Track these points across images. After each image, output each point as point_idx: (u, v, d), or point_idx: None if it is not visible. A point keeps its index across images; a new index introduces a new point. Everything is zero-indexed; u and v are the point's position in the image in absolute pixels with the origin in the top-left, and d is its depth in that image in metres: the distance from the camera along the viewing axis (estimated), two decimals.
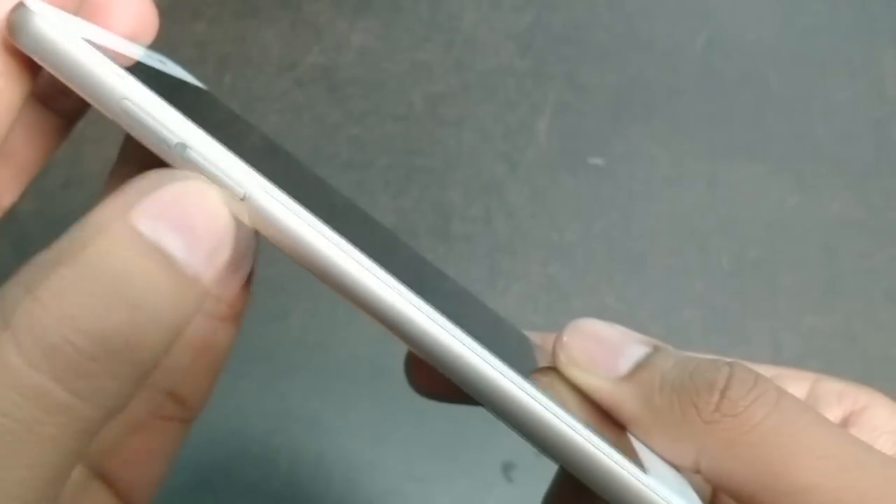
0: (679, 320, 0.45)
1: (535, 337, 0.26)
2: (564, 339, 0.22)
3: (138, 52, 0.22)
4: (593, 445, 0.18)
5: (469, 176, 0.49)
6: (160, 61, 0.24)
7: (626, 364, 0.21)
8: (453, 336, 0.19)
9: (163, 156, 0.19)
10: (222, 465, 0.42)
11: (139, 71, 0.20)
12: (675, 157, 0.50)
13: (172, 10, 0.54)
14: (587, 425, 0.19)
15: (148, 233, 0.17)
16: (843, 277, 0.46)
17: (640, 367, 0.20)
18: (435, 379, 0.20)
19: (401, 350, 0.21)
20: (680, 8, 0.55)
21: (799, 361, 0.43)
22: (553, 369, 0.21)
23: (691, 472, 0.20)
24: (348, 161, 0.49)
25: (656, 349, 0.21)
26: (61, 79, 0.19)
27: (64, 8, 0.20)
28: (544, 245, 0.47)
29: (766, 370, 0.24)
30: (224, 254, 0.18)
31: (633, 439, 0.21)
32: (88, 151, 0.48)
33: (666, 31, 0.54)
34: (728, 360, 0.20)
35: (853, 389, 0.24)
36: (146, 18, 0.22)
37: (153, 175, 0.18)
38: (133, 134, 0.19)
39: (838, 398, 0.23)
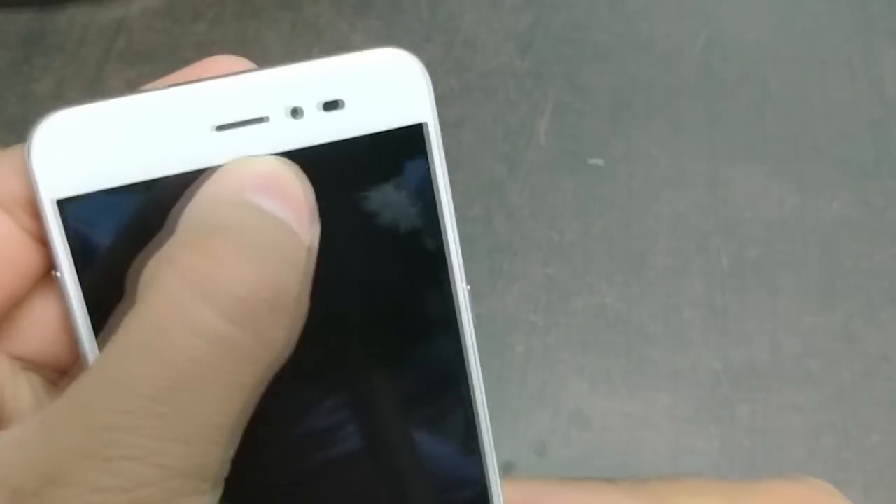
0: (679, 320, 0.45)
1: None
2: None
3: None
4: None
5: (469, 176, 0.49)
6: None
7: None
8: None
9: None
10: None
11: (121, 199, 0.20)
12: (675, 158, 0.50)
13: (173, 11, 0.54)
14: None
15: (264, 205, 0.18)
16: (843, 277, 0.46)
17: None
18: None
19: None
20: (680, 8, 0.55)
21: (799, 361, 0.43)
22: None
23: None
24: None
25: None
26: None
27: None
28: (544, 245, 0.47)
29: None
30: (316, 221, 0.19)
31: None
32: None
33: (666, 31, 0.54)
34: None
35: None
36: None
37: (237, 163, 0.19)
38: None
39: None
